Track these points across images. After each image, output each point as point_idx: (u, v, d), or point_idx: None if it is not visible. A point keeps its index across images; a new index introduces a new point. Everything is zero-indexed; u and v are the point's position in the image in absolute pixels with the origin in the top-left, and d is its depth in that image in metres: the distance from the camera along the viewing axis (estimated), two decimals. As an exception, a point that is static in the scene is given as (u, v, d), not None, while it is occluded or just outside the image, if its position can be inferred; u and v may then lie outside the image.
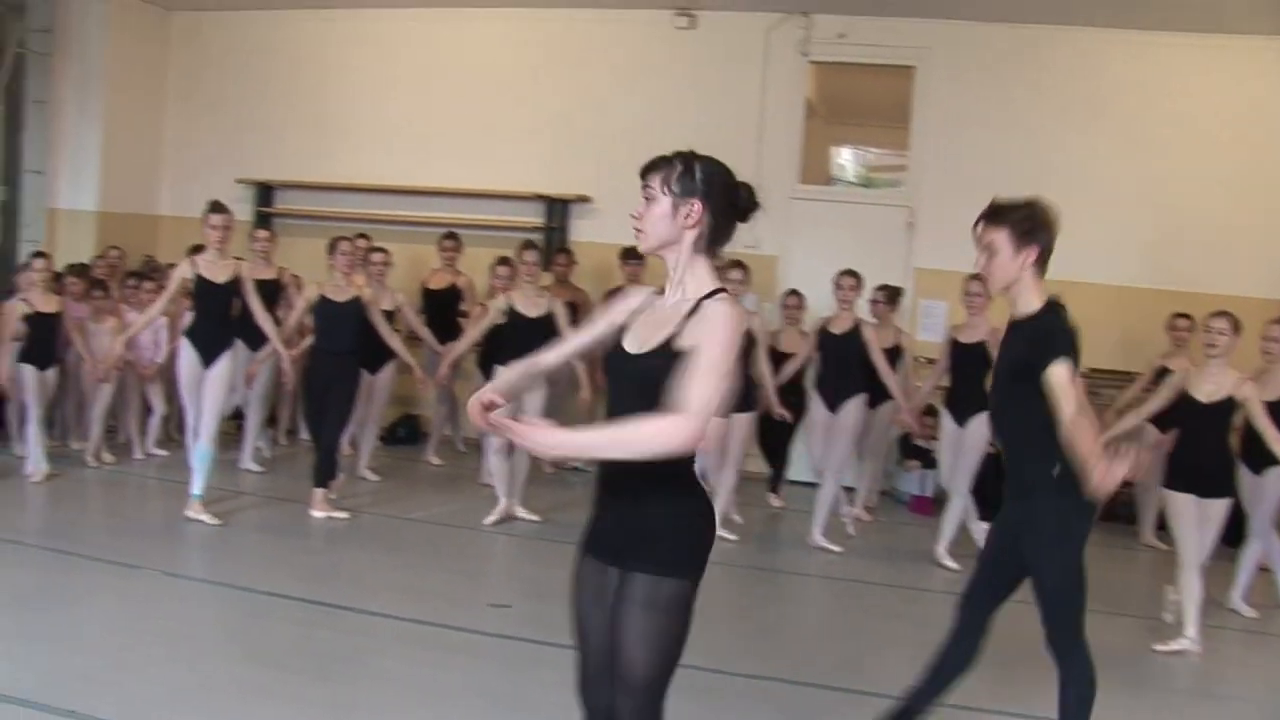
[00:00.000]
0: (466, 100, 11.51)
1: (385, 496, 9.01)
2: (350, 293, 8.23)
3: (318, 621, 6.07)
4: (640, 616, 3.03)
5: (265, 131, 12.22)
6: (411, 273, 10.68)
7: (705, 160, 3.19)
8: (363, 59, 11.93)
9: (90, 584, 6.48)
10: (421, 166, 11.49)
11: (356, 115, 11.87)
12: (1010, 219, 4.06)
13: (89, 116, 12.04)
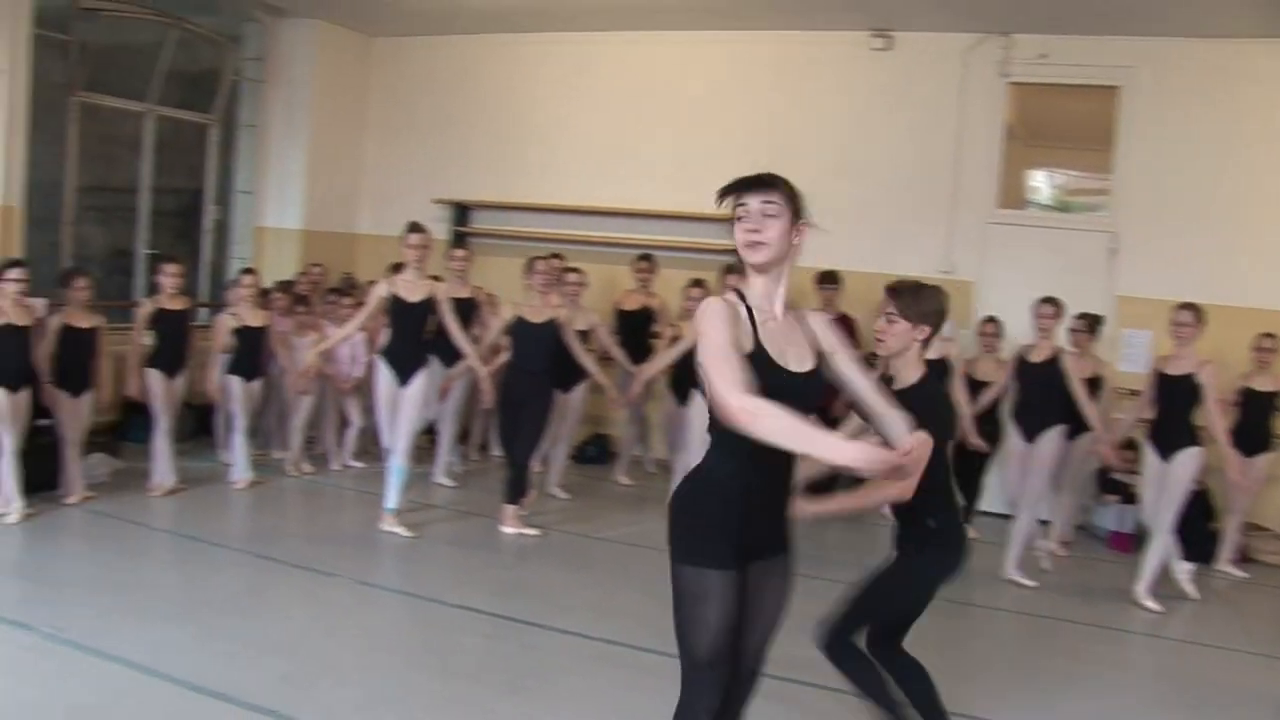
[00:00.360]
0: (661, 122, 11.55)
1: (574, 515, 9.07)
2: (547, 314, 8.32)
3: (507, 636, 6.13)
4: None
5: (462, 153, 12.50)
6: (605, 293, 10.76)
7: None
8: (559, 81, 12.09)
9: (289, 589, 6.70)
10: (616, 188, 11.58)
11: (552, 137, 12.05)
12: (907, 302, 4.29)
13: (295, 140, 12.53)
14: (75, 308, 8.25)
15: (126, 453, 9.75)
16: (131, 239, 11.76)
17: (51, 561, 7.07)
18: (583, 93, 11.98)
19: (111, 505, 8.33)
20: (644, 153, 11.56)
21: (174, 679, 5.21)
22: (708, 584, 3.46)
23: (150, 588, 6.49)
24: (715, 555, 3.46)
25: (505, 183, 12.12)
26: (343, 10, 12.02)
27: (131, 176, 11.66)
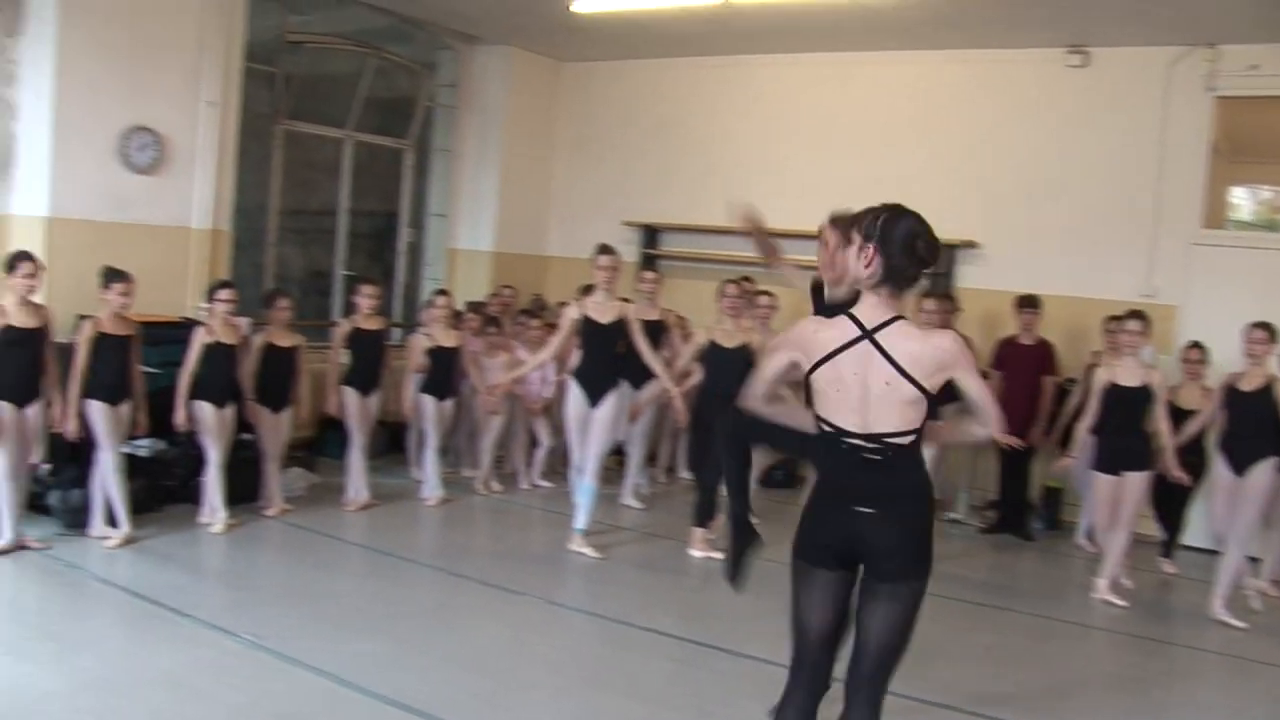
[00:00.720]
0: (851, 144, 11.43)
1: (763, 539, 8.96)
2: (739, 339, 8.30)
3: (694, 661, 6.11)
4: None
5: (651, 175, 12.59)
6: (795, 317, 10.55)
7: (892, 214, 3.68)
8: (747, 105, 12.09)
9: (479, 606, 6.81)
10: (805, 210, 11.26)
11: (741, 160, 12.03)
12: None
13: (487, 163, 12.80)
14: (277, 327, 8.56)
15: (322, 468, 10.06)
16: (329, 260, 12.16)
17: (252, 571, 7.34)
18: (773, 116, 11.94)
19: (308, 518, 8.60)
20: (833, 175, 11.41)
21: (370, 691, 5.34)
22: (799, 576, 3.82)
23: (345, 600, 6.67)
24: (808, 549, 3.77)
25: (694, 205, 12.13)
26: (534, 37, 12.24)
27: (330, 200, 12.07)
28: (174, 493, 8.59)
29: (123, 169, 8.96)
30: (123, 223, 8.98)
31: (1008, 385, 9.54)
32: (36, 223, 8.59)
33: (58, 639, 5.80)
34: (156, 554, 7.44)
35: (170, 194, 9.33)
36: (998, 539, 9.61)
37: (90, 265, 7.87)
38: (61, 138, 8.60)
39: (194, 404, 8.00)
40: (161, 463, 8.61)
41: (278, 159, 11.13)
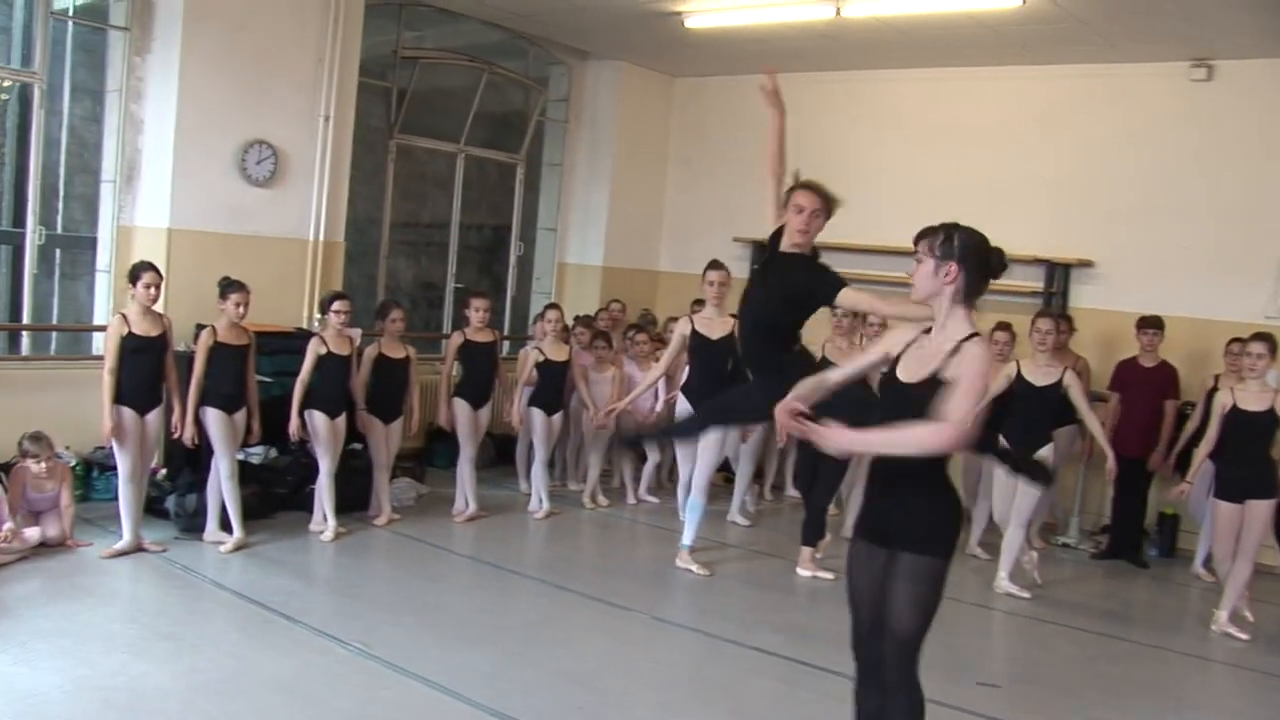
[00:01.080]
0: (965, 161, 11.30)
1: (868, 560, 8.88)
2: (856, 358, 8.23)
3: (801, 681, 6.06)
4: (907, 587, 3.91)
5: (760, 192, 12.45)
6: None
7: (964, 230, 3.98)
8: (859, 120, 12.03)
9: (585, 621, 6.83)
10: (918, 227, 11.30)
11: (852, 175, 11.80)
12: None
13: (598, 178, 12.91)
14: (390, 338, 8.67)
15: (431, 478, 10.19)
16: (437, 272, 12.32)
17: (360, 579, 7.44)
18: (886, 131, 11.87)
19: (416, 528, 8.71)
20: (944, 192, 11.27)
21: (475, 703, 5.39)
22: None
23: (452, 611, 6.73)
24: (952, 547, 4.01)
25: (802, 222, 12.07)
26: (646, 52, 12.30)
27: (441, 213, 12.23)
28: (285, 500, 8.76)
29: (241, 182, 9.19)
30: (240, 234, 9.21)
31: (1126, 408, 9.36)
32: (158, 234, 8.83)
33: (174, 639, 5.94)
34: (268, 560, 7.59)
35: (286, 206, 9.54)
36: (1110, 565, 9.39)
37: (208, 275, 8.09)
38: (183, 151, 8.85)
39: (308, 413, 8.15)
40: (274, 470, 8.78)
41: (391, 172, 11.30)
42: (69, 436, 8.30)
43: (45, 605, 6.34)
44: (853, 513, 9.27)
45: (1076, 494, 10.11)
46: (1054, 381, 7.95)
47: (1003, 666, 6.79)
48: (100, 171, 9.12)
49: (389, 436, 8.75)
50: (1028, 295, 10.63)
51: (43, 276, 9.02)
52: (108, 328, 7.45)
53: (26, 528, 7.24)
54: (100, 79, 9.24)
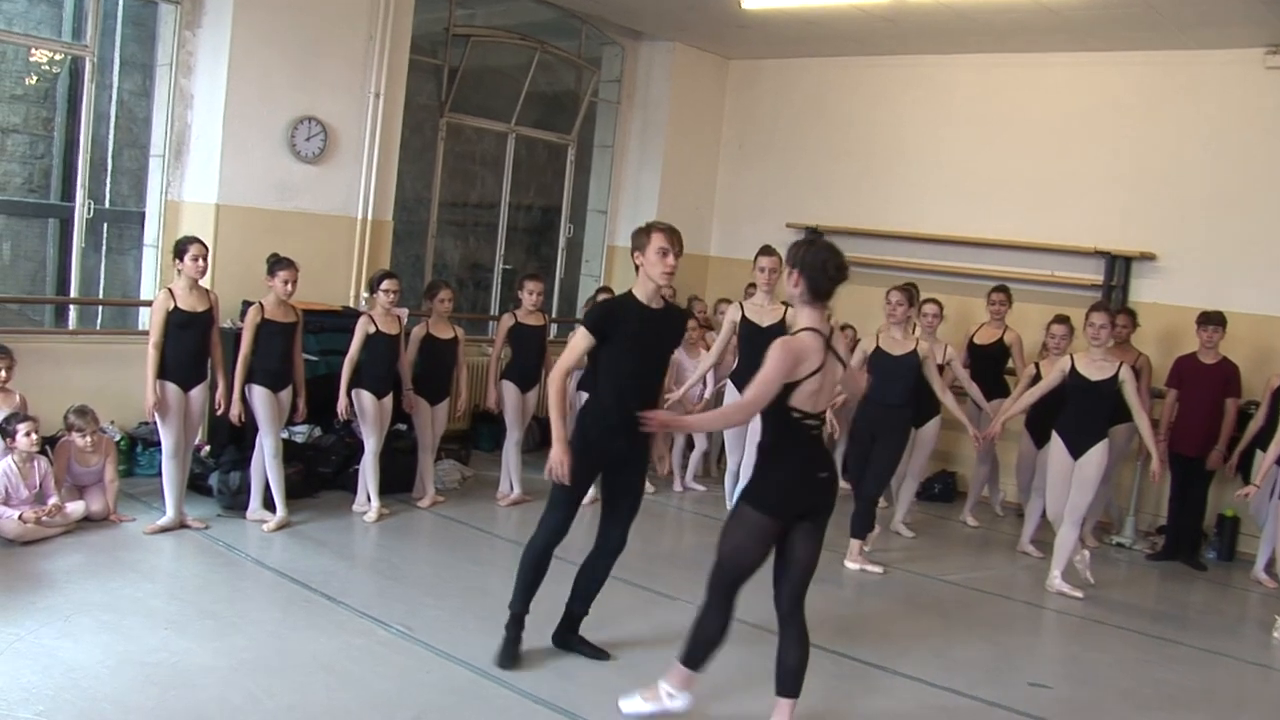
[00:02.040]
0: (1025, 149, 11.18)
1: (919, 554, 8.88)
2: (908, 346, 8.22)
3: (849, 675, 6.05)
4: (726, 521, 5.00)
5: (816, 177, 12.52)
6: (958, 326, 10.53)
7: (814, 244, 4.90)
8: (917, 106, 11.94)
9: (628, 608, 6.83)
10: (973, 216, 11.33)
11: (908, 163, 11.88)
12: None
13: (649, 161, 12.90)
14: (438, 319, 8.69)
15: (476, 461, 10.24)
16: (485, 253, 12.36)
17: (403, 561, 7.47)
18: (939, 117, 11.77)
19: (460, 511, 8.74)
20: (1005, 181, 11.22)
21: (516, 688, 5.44)
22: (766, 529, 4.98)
23: (495, 595, 6.65)
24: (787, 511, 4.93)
25: (859, 209, 12.09)
26: (701, 33, 12.25)
27: (491, 194, 12.26)
28: (329, 480, 8.82)
29: (290, 158, 9.24)
30: (288, 211, 9.27)
31: (1184, 405, 9.22)
32: (206, 209, 8.89)
33: (215, 617, 5.98)
34: (311, 539, 7.65)
35: (335, 184, 9.59)
36: (1166, 567, 9.27)
37: (256, 252, 8.14)
38: (232, 127, 8.90)
39: (355, 392, 8.20)
40: (318, 449, 8.84)
41: (440, 151, 11.31)
42: (114, 411, 8.38)
43: (88, 580, 6.40)
44: (904, 506, 9.37)
45: (1133, 493, 10.00)
46: (1109, 376, 7.84)
47: (1054, 667, 6.70)
48: (149, 146, 9.19)
49: (435, 417, 8.78)
50: (1087, 288, 10.51)
51: (90, 250, 9.10)
52: (154, 302, 7.49)
53: (70, 502, 7.31)
54: (151, 53, 9.31)
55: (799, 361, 4.68)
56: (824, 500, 4.92)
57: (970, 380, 9.22)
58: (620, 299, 5.64)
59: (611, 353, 5.50)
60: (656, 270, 5.48)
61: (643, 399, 5.47)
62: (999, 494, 10.58)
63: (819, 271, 4.76)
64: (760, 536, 4.85)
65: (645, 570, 7.52)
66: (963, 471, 11.13)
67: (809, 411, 4.79)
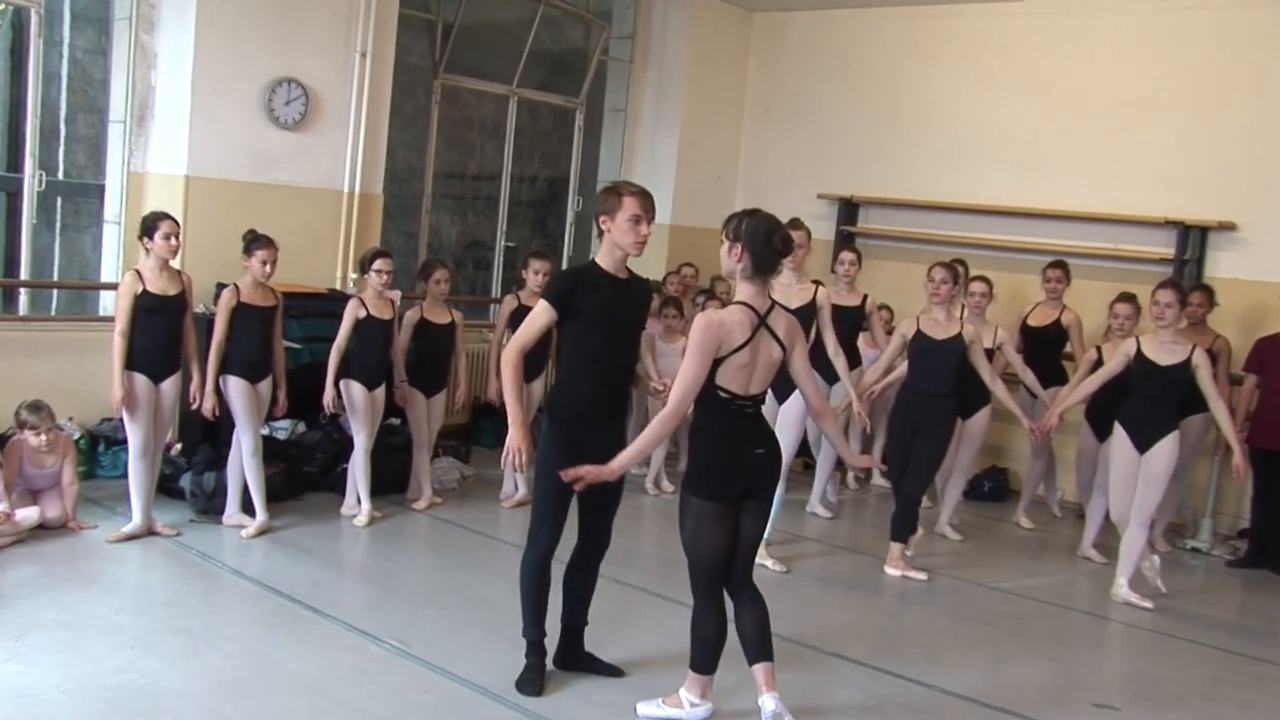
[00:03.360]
0: (1084, 109, 11.05)
1: (967, 559, 8.82)
2: (951, 329, 8.12)
3: (888, 693, 6.00)
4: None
5: (851, 142, 12.45)
6: (1010, 305, 10.44)
7: (753, 215, 5.04)
8: (961, 62, 11.84)
9: (645, 619, 6.80)
10: (1026, 185, 11.22)
11: (953, 125, 11.76)
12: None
13: (666, 125, 12.85)
14: (433, 302, 8.67)
15: (477, 458, 10.22)
16: (486, 230, 12.34)
17: (397, 569, 7.43)
18: (988, 73, 11.67)
19: (459, 514, 8.72)
20: (1061, 145, 11.11)
21: (523, 708, 5.40)
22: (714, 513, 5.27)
23: (498, 606, 6.61)
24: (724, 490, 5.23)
25: (899, 177, 12.01)
26: (722, -17, 12.20)
27: (491, 164, 12.23)
28: (315, 480, 8.81)
29: (267, 124, 9.20)
30: (266, 183, 9.24)
31: (1266, 393, 9.11)
32: (174, 181, 8.85)
33: (188, 634, 5.94)
34: (294, 546, 7.61)
35: (318, 153, 9.56)
36: (1249, 575, 9.16)
37: (231, 229, 8.09)
38: (202, 89, 8.85)
39: (344, 383, 8.16)
40: (302, 447, 8.82)
41: (434, 117, 11.27)
42: (72, 407, 8.34)
43: (43, 594, 6.35)
44: (950, 506, 9.31)
45: (1210, 492, 9.89)
46: (1180, 361, 7.74)
47: (1121, 686, 6.64)
48: (107, 111, 9.14)
49: (431, 411, 8.75)
50: (1156, 263, 10.40)
51: (43, 228, 9.06)
52: (119, 285, 7.43)
53: (22, 508, 7.26)
54: (106, 6, 9.22)
55: (720, 338, 4.91)
56: (765, 477, 5.22)
57: (1023, 366, 9.13)
58: (585, 269, 5.54)
59: (579, 330, 5.42)
60: (628, 240, 5.37)
61: (616, 383, 5.52)
62: (1056, 492, 10.50)
63: (763, 245, 4.94)
64: (713, 522, 5.11)
65: (663, 578, 7.45)
66: (1015, 468, 11.05)
67: (737, 393, 5.01)
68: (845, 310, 8.78)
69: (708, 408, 5.04)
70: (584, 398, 5.45)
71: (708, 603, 5.24)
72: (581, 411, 5.46)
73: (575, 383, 5.48)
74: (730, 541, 5.15)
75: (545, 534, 5.62)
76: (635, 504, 9.46)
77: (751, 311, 4.99)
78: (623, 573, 7.44)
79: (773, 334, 5.05)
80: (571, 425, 5.46)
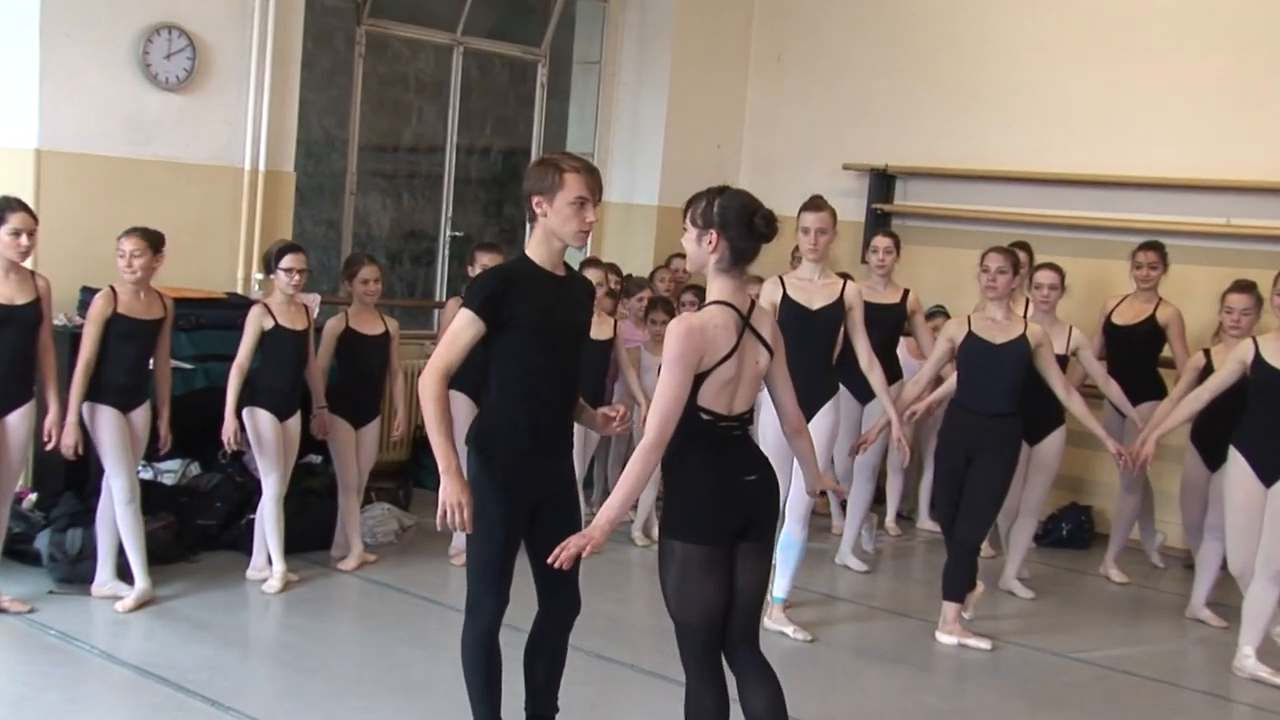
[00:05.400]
0: (1185, 52, 10.97)
1: (1041, 622, 8.78)
2: (1013, 330, 8.00)
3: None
4: None
5: (885, 98, 12.42)
6: (1088, 299, 10.40)
7: (727, 194, 4.98)
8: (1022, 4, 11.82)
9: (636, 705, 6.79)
10: (1110, 147, 11.16)
11: (1015, 74, 11.72)
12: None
13: (650, 82, 12.85)
14: (361, 308, 8.64)
15: (420, 503, 10.11)
16: (426, 216, 12.38)
17: (318, 648, 7.37)
18: (1058, 12, 11.62)
19: (397, 575, 8.66)
20: (1153, 96, 11.07)
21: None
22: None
23: (449, 691, 6.46)
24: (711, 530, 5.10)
25: (946, 142, 11.96)
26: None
27: (432, 133, 12.22)
28: (212, 536, 8.72)
29: (143, 84, 9.14)
30: (143, 159, 9.18)
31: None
32: (20, 157, 8.79)
33: (46, 740, 5.85)
34: (186, 621, 7.52)
35: (210, 120, 9.51)
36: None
37: (99, 219, 8.09)
38: (53, 39, 8.78)
39: (247, 412, 8.08)
40: (196, 494, 8.75)
41: (358, 74, 11.24)
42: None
43: None
44: (1018, 555, 9.23)
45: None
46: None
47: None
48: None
49: (361, 446, 8.74)
50: (1275, 240, 10.35)
51: None
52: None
53: None
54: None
55: (702, 347, 4.82)
56: (760, 508, 5.10)
57: (1107, 376, 9.09)
58: (514, 267, 5.43)
59: (513, 344, 5.28)
60: (569, 228, 5.24)
61: (560, 405, 5.41)
62: (1156, 537, 10.42)
63: (743, 228, 4.88)
64: (701, 570, 4.97)
65: (657, 652, 7.28)
66: (1101, 505, 11.00)
67: (722, 413, 4.94)
68: (881, 310, 8.75)
69: (687, 433, 4.90)
70: (521, 425, 5.31)
71: (702, 676, 5.09)
72: (519, 443, 5.32)
73: (510, 407, 5.33)
74: (725, 595, 5.01)
75: (487, 605, 5.50)
76: (620, 558, 9.48)
77: (734, 312, 4.92)
78: (605, 645, 7.43)
79: (759, 337, 4.99)
80: (508, 460, 5.31)
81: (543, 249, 5.30)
